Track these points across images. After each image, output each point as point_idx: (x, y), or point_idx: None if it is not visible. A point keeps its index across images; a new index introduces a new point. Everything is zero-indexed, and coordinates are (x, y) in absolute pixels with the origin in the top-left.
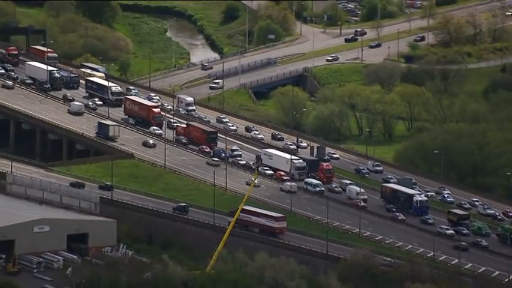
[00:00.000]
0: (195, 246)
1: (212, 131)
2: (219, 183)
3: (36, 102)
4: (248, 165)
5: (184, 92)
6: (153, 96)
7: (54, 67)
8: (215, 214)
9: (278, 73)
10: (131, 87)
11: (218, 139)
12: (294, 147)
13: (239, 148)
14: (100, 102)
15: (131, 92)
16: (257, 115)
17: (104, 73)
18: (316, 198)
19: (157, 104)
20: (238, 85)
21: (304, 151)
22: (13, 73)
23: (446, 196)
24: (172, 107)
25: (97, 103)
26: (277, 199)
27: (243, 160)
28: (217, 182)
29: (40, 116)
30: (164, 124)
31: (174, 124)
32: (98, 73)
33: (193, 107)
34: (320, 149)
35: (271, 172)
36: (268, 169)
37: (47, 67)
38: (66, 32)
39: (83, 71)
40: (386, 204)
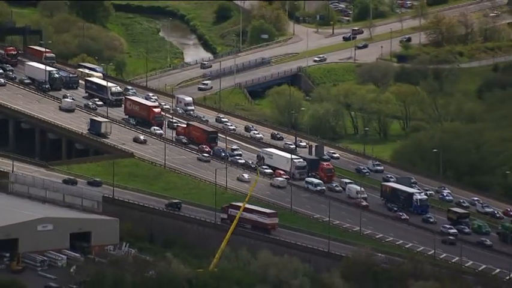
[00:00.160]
0: (196, 244)
1: (212, 131)
2: (208, 178)
3: (34, 101)
4: (247, 164)
5: (179, 92)
6: (151, 96)
7: (52, 67)
8: (216, 213)
9: (272, 73)
10: (129, 87)
11: (218, 139)
12: (294, 146)
13: (239, 148)
14: (100, 102)
15: (129, 92)
16: (253, 114)
17: (102, 73)
18: (315, 196)
19: (157, 104)
20: (233, 85)
21: (303, 150)
22: (11, 73)
23: (445, 195)
24: (169, 107)
25: (97, 103)
26: (276, 197)
27: (242, 159)
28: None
29: (39, 116)
30: (164, 124)
31: (175, 124)
32: (96, 73)
33: (192, 107)
34: (318, 148)
35: (270, 171)
36: (267, 168)
37: (45, 67)
38: (60, 32)
39: (81, 71)
40: (386, 203)
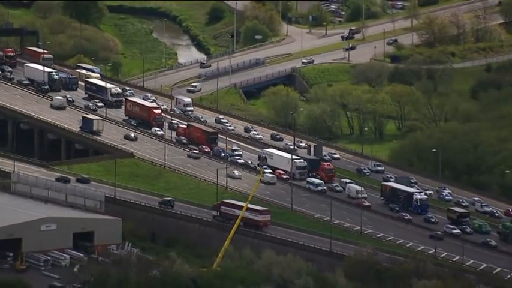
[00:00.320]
0: (198, 243)
1: (213, 132)
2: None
3: (33, 102)
4: (246, 164)
5: (173, 93)
6: (149, 96)
7: (49, 68)
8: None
9: (267, 73)
10: (127, 87)
11: (218, 139)
12: (293, 147)
13: (239, 148)
14: (101, 103)
15: (127, 93)
16: (249, 115)
17: (100, 74)
18: (315, 196)
19: (158, 105)
20: (227, 85)
21: (303, 151)
22: (10, 74)
23: (444, 194)
24: (167, 108)
25: (98, 105)
26: (276, 197)
27: (242, 159)
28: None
29: (38, 116)
30: (165, 125)
31: (175, 125)
32: (93, 74)
33: (191, 108)
34: (317, 148)
35: (270, 171)
36: (266, 168)
37: (44, 68)
38: (55, 33)
39: (79, 72)
40: (386, 202)
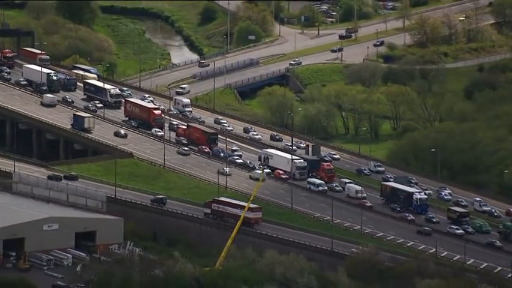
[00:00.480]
0: (199, 243)
1: (212, 132)
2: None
3: (31, 102)
4: (245, 164)
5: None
6: (147, 97)
7: (46, 69)
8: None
9: (261, 73)
10: (124, 88)
11: (218, 140)
12: (292, 147)
13: (239, 149)
14: (100, 104)
15: (124, 93)
16: (244, 115)
17: (96, 74)
18: (315, 196)
19: (157, 106)
20: (222, 85)
21: (303, 151)
22: (7, 75)
23: (444, 194)
24: (164, 108)
25: (97, 105)
26: (276, 197)
27: (240, 159)
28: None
29: (37, 116)
30: (165, 126)
31: (175, 125)
32: (90, 74)
33: (189, 108)
34: (315, 148)
35: (268, 171)
36: (266, 168)
37: (41, 69)
38: (49, 34)
39: (75, 73)
40: (386, 202)
